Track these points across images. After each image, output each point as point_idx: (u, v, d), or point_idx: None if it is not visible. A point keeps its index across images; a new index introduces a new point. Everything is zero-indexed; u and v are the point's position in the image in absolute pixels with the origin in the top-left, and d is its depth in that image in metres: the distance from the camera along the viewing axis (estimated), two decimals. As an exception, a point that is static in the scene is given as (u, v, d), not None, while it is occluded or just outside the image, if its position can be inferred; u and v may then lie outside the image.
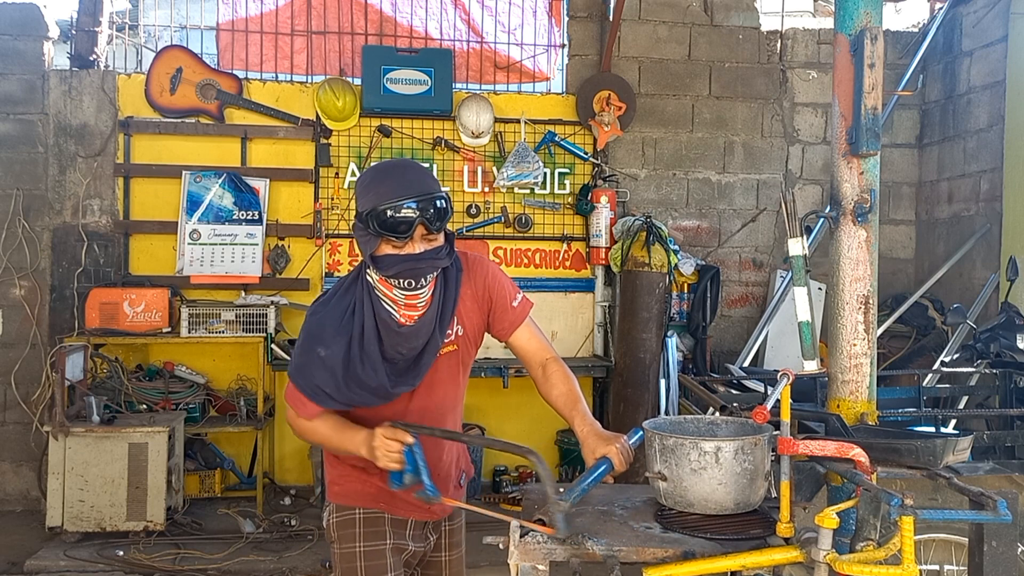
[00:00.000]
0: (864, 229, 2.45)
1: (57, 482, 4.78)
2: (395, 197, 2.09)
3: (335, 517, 2.36)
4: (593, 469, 2.16)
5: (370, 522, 2.33)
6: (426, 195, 2.10)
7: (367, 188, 2.16)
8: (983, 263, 5.76)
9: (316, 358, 2.18)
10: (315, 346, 2.19)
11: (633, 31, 6.22)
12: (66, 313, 5.59)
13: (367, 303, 2.20)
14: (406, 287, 2.15)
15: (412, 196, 2.09)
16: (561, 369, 2.39)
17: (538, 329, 2.44)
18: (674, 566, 1.94)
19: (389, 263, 2.12)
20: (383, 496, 2.30)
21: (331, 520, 2.37)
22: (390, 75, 5.79)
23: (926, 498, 3.03)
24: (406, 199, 2.08)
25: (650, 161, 6.27)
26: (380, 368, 2.19)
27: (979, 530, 2.04)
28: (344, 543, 2.33)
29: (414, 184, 2.13)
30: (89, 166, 5.68)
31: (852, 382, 2.47)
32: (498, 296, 2.36)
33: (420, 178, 2.16)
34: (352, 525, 2.33)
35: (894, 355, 5.96)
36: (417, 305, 2.18)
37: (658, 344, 5.59)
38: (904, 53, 6.41)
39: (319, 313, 2.25)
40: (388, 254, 2.12)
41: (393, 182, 2.13)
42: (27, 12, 5.66)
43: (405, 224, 2.08)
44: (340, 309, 2.22)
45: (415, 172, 2.19)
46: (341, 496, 2.37)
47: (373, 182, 2.16)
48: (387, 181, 2.14)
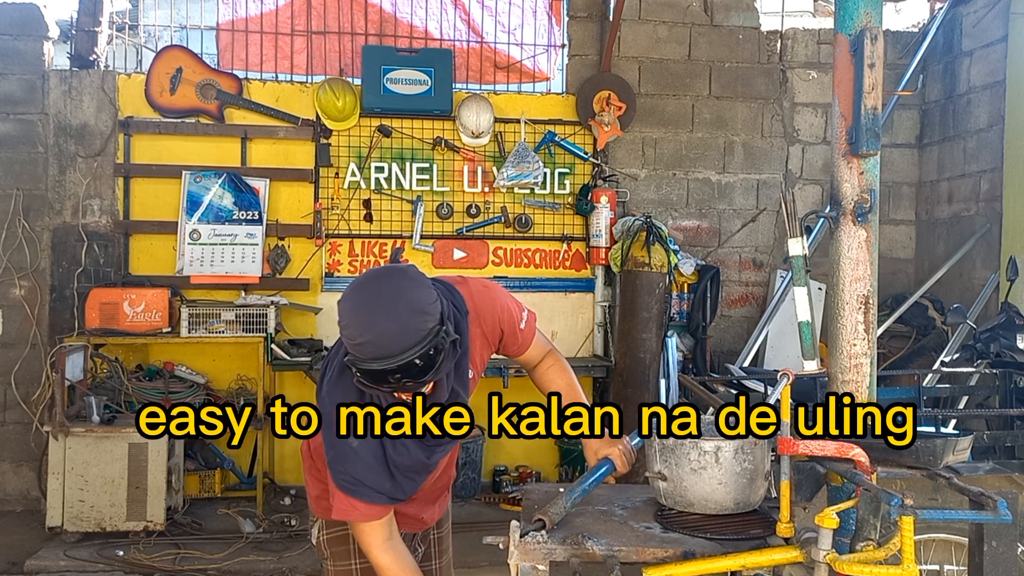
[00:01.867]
0: (864, 229, 2.45)
1: (57, 482, 4.78)
2: (373, 359, 1.83)
3: (326, 534, 2.28)
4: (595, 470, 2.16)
5: None
6: (411, 351, 1.82)
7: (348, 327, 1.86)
8: (983, 263, 5.76)
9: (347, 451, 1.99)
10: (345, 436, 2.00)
11: (633, 31, 6.22)
12: (66, 313, 5.59)
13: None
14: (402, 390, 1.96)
15: (394, 359, 1.81)
16: (557, 362, 2.35)
17: (541, 334, 2.37)
18: (674, 566, 1.94)
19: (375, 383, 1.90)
20: None
21: (322, 537, 2.29)
22: (390, 75, 5.79)
23: (926, 498, 3.03)
24: (385, 364, 1.82)
25: (650, 161, 6.27)
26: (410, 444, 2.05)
27: (979, 530, 2.04)
28: (339, 560, 2.26)
29: (397, 340, 1.81)
30: (89, 166, 5.68)
31: (852, 382, 2.47)
32: (508, 326, 2.24)
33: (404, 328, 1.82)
34: (346, 541, 2.26)
35: (894, 355, 5.96)
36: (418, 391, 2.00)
37: (658, 344, 5.59)
38: (904, 53, 6.41)
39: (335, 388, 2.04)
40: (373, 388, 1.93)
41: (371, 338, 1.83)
42: (27, 12, 5.66)
43: (387, 384, 1.87)
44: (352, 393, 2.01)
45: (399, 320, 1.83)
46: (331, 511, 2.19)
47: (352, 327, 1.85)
48: (365, 334, 1.83)
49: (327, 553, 2.29)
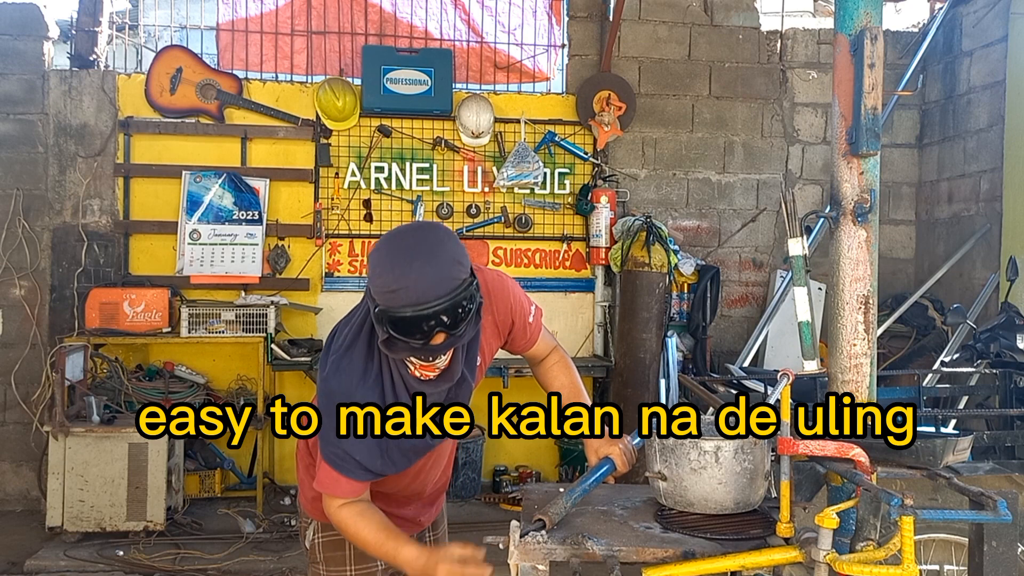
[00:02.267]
0: (864, 229, 2.45)
1: (57, 482, 4.78)
2: (411, 304, 1.80)
3: (320, 537, 2.23)
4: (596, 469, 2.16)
5: None
6: (448, 298, 1.82)
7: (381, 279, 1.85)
8: (983, 263, 5.76)
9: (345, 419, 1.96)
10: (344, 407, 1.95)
11: (633, 31, 6.22)
12: (66, 313, 5.59)
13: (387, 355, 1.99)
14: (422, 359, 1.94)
15: (431, 304, 1.80)
16: (562, 359, 2.35)
17: (547, 330, 2.35)
18: (674, 566, 1.94)
19: (400, 349, 1.89)
20: None
21: (316, 540, 2.23)
22: (390, 75, 5.79)
23: (926, 498, 3.03)
24: (424, 308, 1.80)
25: (650, 161, 6.27)
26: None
27: (979, 530, 2.04)
28: (332, 566, 2.22)
29: (433, 287, 1.81)
30: (89, 166, 5.68)
31: (852, 382, 2.47)
32: (519, 318, 2.21)
33: (440, 274, 1.83)
34: (342, 547, 2.20)
35: (894, 355, 5.96)
36: (435, 368, 1.97)
37: (658, 344, 5.59)
38: (904, 53, 6.41)
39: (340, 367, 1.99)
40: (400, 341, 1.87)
41: (410, 283, 1.81)
42: (27, 12, 5.66)
43: (421, 333, 1.83)
44: (361, 359, 1.99)
45: (434, 266, 1.83)
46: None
47: (387, 275, 1.84)
48: (403, 279, 1.81)
49: (320, 557, 2.23)
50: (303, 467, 2.31)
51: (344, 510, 2.03)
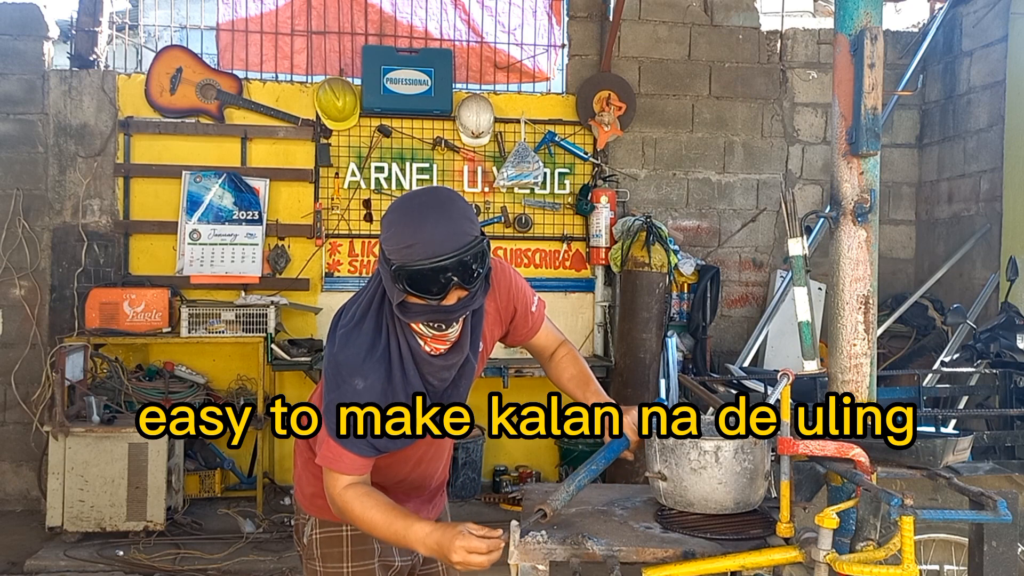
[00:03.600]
0: (864, 229, 2.45)
1: (57, 482, 4.78)
2: (426, 258, 1.84)
3: (319, 533, 2.21)
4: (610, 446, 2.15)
5: (358, 540, 2.19)
6: (462, 250, 1.85)
7: (395, 235, 1.90)
8: (983, 263, 5.76)
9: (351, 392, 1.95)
10: (349, 378, 1.95)
11: (633, 31, 6.22)
12: (66, 313, 5.59)
13: (397, 327, 2.00)
14: (434, 328, 1.97)
15: (446, 256, 1.84)
16: (570, 352, 2.36)
17: (552, 324, 2.37)
18: (674, 566, 1.94)
19: (417, 312, 1.93)
20: None
21: (314, 535, 2.22)
22: (390, 75, 5.79)
23: (926, 498, 3.03)
24: (439, 260, 1.84)
25: (650, 161, 6.27)
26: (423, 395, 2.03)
27: (979, 530, 2.04)
28: (329, 563, 2.20)
29: (448, 238, 1.85)
30: (89, 166, 5.68)
31: (852, 382, 2.47)
32: (521, 306, 2.23)
33: (455, 228, 1.87)
34: (339, 543, 2.19)
35: (894, 355, 5.96)
36: (446, 340, 2.01)
37: (658, 344, 5.59)
38: (904, 53, 6.41)
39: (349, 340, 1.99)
40: (415, 303, 1.91)
41: (425, 235, 1.85)
42: (27, 12, 5.66)
43: (438, 286, 1.87)
44: (369, 334, 2.00)
45: (450, 219, 1.89)
46: (326, 510, 2.14)
47: (403, 230, 1.88)
48: (418, 233, 1.86)
49: (317, 554, 2.21)
50: (301, 463, 2.29)
51: (349, 491, 2.00)
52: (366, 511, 1.98)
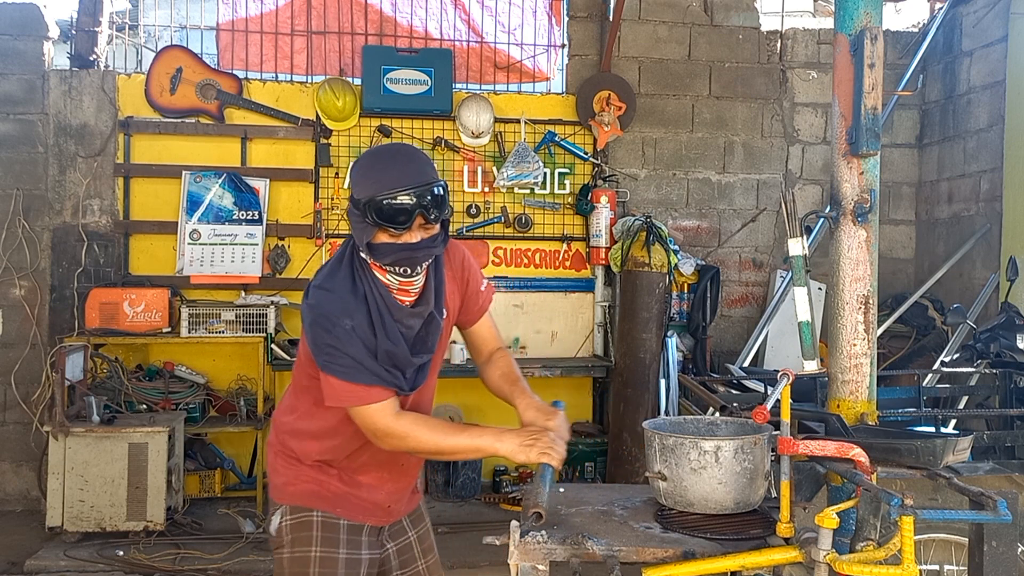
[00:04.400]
0: (864, 229, 2.45)
1: (57, 482, 4.77)
2: (394, 188, 2.03)
3: (289, 519, 2.23)
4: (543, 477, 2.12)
5: (328, 527, 2.21)
6: (425, 185, 2.05)
7: (365, 175, 2.11)
8: (983, 263, 5.76)
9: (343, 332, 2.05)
10: (339, 320, 2.06)
11: (633, 31, 6.22)
12: (66, 313, 5.59)
13: (369, 279, 2.13)
14: (400, 274, 2.12)
15: (412, 187, 2.03)
16: (507, 356, 2.41)
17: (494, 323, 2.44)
18: (674, 566, 1.94)
19: (385, 251, 2.08)
20: (340, 500, 2.23)
21: (284, 522, 2.23)
22: (390, 75, 5.79)
23: (926, 498, 3.03)
24: (405, 190, 2.03)
25: (650, 161, 6.27)
26: (399, 339, 2.12)
27: (979, 530, 2.04)
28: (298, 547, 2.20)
29: (414, 174, 2.06)
30: (89, 166, 5.68)
31: (852, 382, 2.47)
32: (473, 279, 2.35)
33: (420, 167, 2.10)
34: (309, 527, 2.21)
35: (894, 355, 5.96)
36: (410, 291, 2.16)
37: (658, 344, 5.59)
38: (904, 53, 6.41)
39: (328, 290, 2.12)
40: (384, 243, 2.08)
41: (394, 171, 2.06)
42: (27, 12, 5.66)
43: (404, 215, 2.03)
44: (346, 284, 2.13)
45: (415, 161, 2.12)
46: (298, 497, 2.24)
47: (371, 169, 2.11)
48: (387, 170, 2.07)
49: (287, 539, 2.21)
50: (273, 452, 2.33)
51: (405, 419, 2.10)
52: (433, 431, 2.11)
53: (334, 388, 2.07)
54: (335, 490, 2.23)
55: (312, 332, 2.09)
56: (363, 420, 2.09)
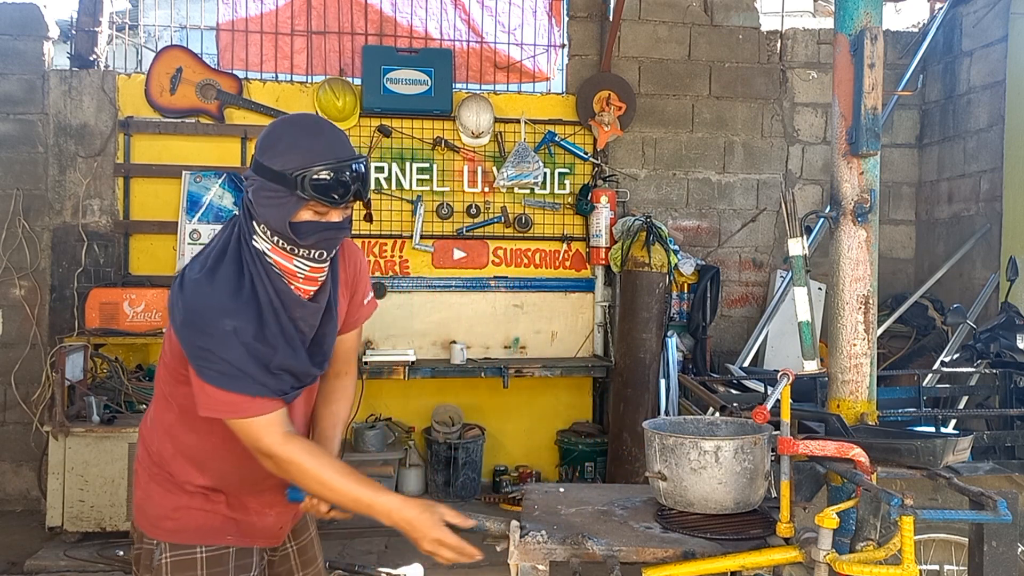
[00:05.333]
0: (864, 229, 2.45)
1: (57, 482, 4.77)
2: (335, 158, 1.83)
3: (169, 556, 1.96)
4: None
5: (214, 561, 1.98)
6: (357, 159, 1.88)
7: (294, 144, 1.84)
8: (983, 263, 5.76)
9: (223, 335, 1.78)
10: (217, 321, 1.79)
11: (633, 31, 6.22)
12: (66, 313, 5.59)
13: (262, 271, 1.88)
14: (316, 258, 1.90)
15: (348, 160, 1.85)
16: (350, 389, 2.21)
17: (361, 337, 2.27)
18: (674, 566, 1.94)
19: (308, 230, 1.85)
20: (230, 527, 2.00)
21: (164, 560, 1.95)
22: (390, 75, 5.79)
23: (926, 498, 3.03)
24: (343, 162, 1.84)
25: (650, 161, 6.27)
26: (297, 342, 1.90)
27: (979, 530, 2.04)
28: None
29: (346, 147, 1.89)
30: (89, 166, 5.68)
31: (852, 382, 2.47)
32: (361, 287, 2.15)
33: (347, 141, 1.92)
34: (192, 567, 1.96)
35: (894, 355, 5.96)
36: (318, 279, 1.94)
37: (658, 344, 5.59)
38: (904, 53, 6.41)
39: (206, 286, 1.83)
40: (308, 221, 1.85)
41: (324, 142, 1.85)
42: (27, 12, 5.66)
43: (342, 188, 1.84)
44: (231, 279, 1.85)
45: (341, 134, 1.93)
46: (179, 534, 1.97)
47: (301, 138, 1.85)
48: (318, 140, 1.85)
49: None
50: (146, 478, 2.04)
51: (294, 444, 1.85)
52: (323, 469, 1.84)
53: (209, 397, 1.81)
54: (222, 519, 1.99)
55: (184, 332, 1.81)
56: (245, 434, 1.85)
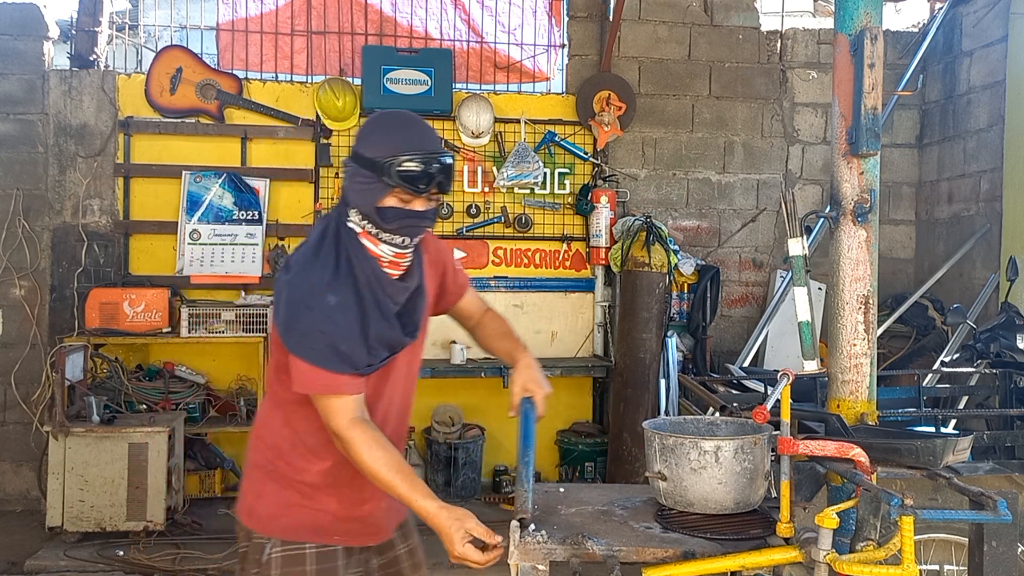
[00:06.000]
0: (864, 229, 2.45)
1: (57, 482, 4.77)
2: (422, 150, 1.99)
3: (279, 551, 2.04)
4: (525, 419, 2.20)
5: (323, 558, 2.05)
6: (443, 153, 2.03)
7: (386, 133, 2.03)
8: (983, 263, 5.76)
9: (325, 310, 1.94)
10: (320, 297, 1.94)
11: (633, 31, 6.22)
12: (66, 313, 5.59)
13: (358, 251, 2.03)
14: (399, 244, 2.03)
15: (434, 152, 2.00)
16: (498, 315, 2.42)
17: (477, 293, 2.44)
18: (674, 566, 1.94)
19: (393, 216, 2.00)
20: (340, 526, 2.07)
21: (272, 555, 2.03)
22: (390, 75, 5.79)
23: (926, 498, 3.03)
24: (429, 154, 1.99)
25: (650, 161, 6.27)
26: (391, 315, 2.03)
27: (979, 530, 2.04)
28: None
29: (433, 140, 2.05)
30: (89, 166, 5.68)
31: (852, 382, 2.47)
32: (448, 262, 2.32)
33: (436, 136, 2.09)
34: (302, 562, 2.04)
35: (894, 355, 5.96)
36: (401, 264, 2.07)
37: (658, 344, 5.59)
38: (904, 53, 6.41)
39: (308, 266, 2.00)
40: (393, 207, 2.00)
41: (415, 134, 2.02)
42: (27, 12, 5.66)
43: (426, 178, 1.98)
44: (330, 258, 2.01)
45: (431, 130, 2.10)
46: (289, 530, 2.05)
47: (393, 128, 2.04)
48: (410, 131, 2.03)
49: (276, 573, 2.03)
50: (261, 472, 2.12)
51: (357, 430, 1.94)
52: (375, 460, 1.92)
53: (302, 372, 1.95)
54: (332, 517, 2.07)
55: (289, 310, 1.96)
56: (322, 411, 1.97)
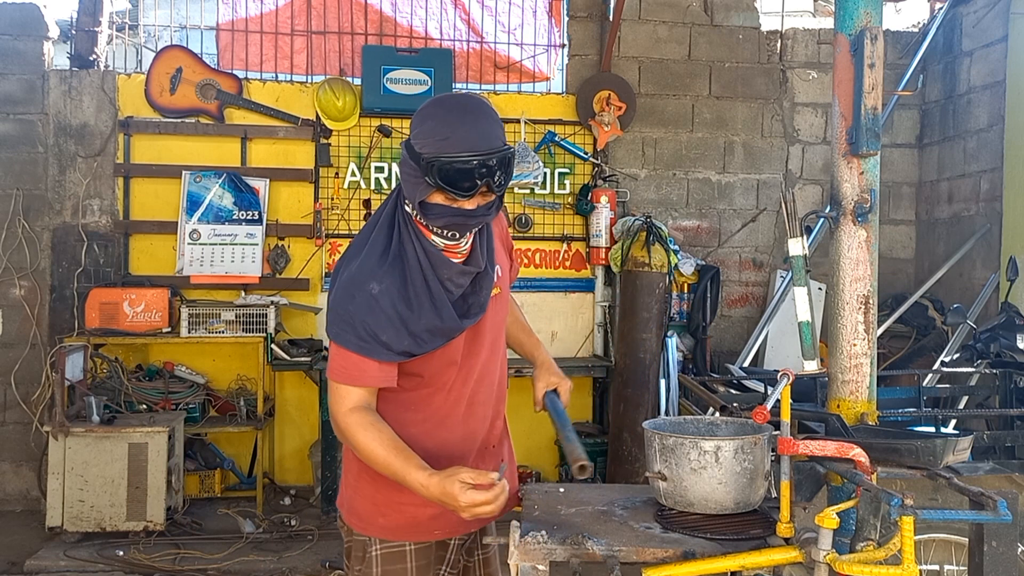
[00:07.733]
0: (864, 229, 2.45)
1: (57, 482, 4.77)
2: (463, 151, 1.85)
3: (380, 549, 2.10)
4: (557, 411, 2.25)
5: (421, 554, 2.13)
6: (495, 151, 1.87)
7: (433, 129, 1.90)
8: (983, 263, 5.76)
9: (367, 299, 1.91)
10: (364, 284, 1.91)
11: (633, 31, 6.22)
12: (66, 313, 5.59)
13: (412, 233, 1.98)
14: (448, 238, 1.96)
15: (482, 152, 1.85)
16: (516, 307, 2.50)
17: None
18: (674, 566, 1.94)
19: (438, 213, 1.92)
20: (435, 523, 2.11)
21: (375, 552, 2.10)
22: (390, 75, 5.79)
23: (926, 498, 3.03)
24: (475, 155, 1.85)
25: (650, 161, 6.27)
26: (443, 297, 1.97)
27: (979, 530, 2.04)
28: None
29: (484, 136, 1.88)
30: (89, 166, 5.68)
31: (852, 382, 2.47)
32: (511, 246, 2.34)
33: (490, 129, 1.90)
34: (403, 559, 2.11)
35: (894, 355, 5.96)
36: (456, 253, 2.01)
37: (658, 344, 5.59)
38: (904, 53, 6.41)
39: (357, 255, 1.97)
40: (439, 204, 1.91)
41: (463, 131, 1.87)
42: (27, 12, 5.66)
43: (469, 182, 1.86)
44: (381, 244, 1.98)
45: (487, 122, 1.91)
46: (389, 531, 2.11)
47: (440, 124, 1.89)
48: (457, 127, 1.87)
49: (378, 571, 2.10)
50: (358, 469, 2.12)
51: (354, 416, 1.95)
52: (369, 441, 1.93)
53: (334, 360, 1.96)
54: (430, 514, 2.08)
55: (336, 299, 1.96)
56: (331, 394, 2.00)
